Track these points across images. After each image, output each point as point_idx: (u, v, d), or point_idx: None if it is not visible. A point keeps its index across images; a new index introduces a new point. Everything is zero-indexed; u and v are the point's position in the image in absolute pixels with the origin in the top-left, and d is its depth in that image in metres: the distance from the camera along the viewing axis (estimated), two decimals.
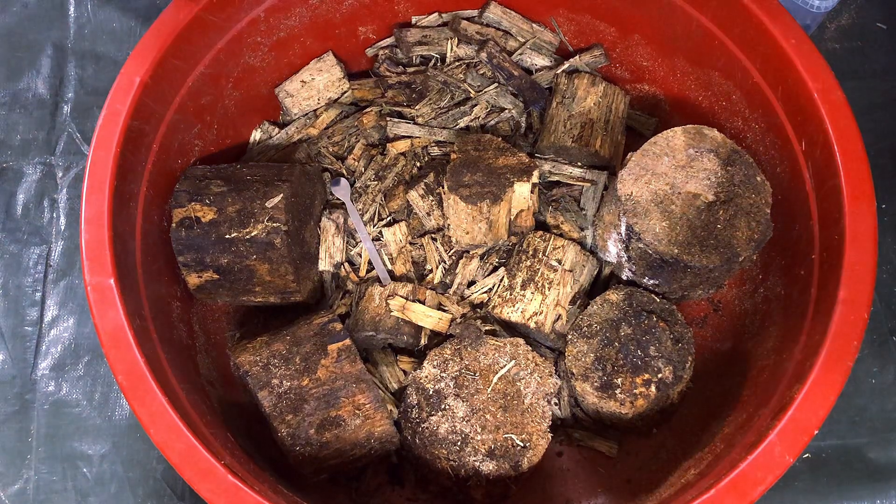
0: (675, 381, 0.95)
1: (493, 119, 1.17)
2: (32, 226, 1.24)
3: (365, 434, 0.93)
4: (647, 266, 0.97)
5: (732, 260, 0.92)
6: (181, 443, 0.80)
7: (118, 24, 1.36)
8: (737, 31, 1.01)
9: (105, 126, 0.92)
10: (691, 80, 1.13)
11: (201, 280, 0.99)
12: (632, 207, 0.94)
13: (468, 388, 0.95)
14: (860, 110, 0.98)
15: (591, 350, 0.97)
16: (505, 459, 0.92)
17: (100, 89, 1.32)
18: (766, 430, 0.81)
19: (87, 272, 0.86)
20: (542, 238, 1.05)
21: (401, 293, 1.04)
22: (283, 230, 0.96)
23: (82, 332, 1.18)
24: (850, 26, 1.33)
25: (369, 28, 1.21)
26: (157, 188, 0.99)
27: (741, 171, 0.96)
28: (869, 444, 1.08)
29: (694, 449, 0.96)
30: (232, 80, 1.10)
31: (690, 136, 0.98)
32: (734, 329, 1.08)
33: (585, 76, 1.16)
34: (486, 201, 0.99)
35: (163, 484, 1.09)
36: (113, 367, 0.83)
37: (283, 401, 0.91)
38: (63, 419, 1.13)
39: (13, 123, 1.30)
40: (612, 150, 1.12)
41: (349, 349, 0.93)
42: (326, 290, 1.10)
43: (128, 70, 0.95)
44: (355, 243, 1.11)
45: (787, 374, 0.88)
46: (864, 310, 0.83)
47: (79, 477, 1.10)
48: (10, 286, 1.20)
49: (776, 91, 0.99)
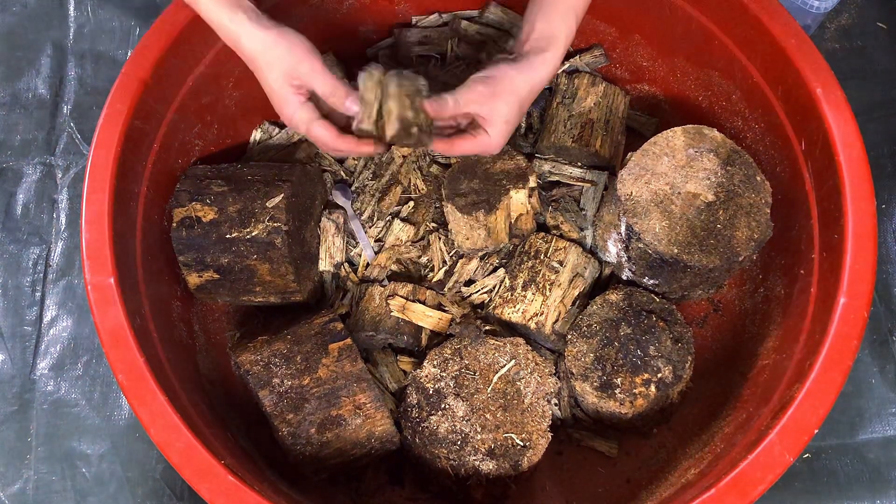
0: (674, 381, 0.95)
1: None
2: (32, 226, 1.24)
3: (366, 434, 0.93)
4: (646, 266, 0.98)
5: (732, 260, 0.92)
6: (181, 442, 0.80)
7: (118, 23, 1.36)
8: (737, 31, 1.01)
9: (105, 126, 0.92)
10: (691, 80, 1.14)
11: (202, 280, 0.99)
12: (632, 207, 0.95)
13: (468, 387, 0.95)
14: (860, 110, 0.99)
15: (590, 350, 0.97)
16: (505, 459, 0.92)
17: (100, 89, 1.32)
18: (766, 430, 0.81)
19: (88, 272, 0.86)
20: (544, 239, 1.05)
21: (401, 293, 1.04)
22: (283, 230, 0.96)
23: (81, 331, 1.18)
24: (850, 26, 1.33)
25: (369, 28, 1.21)
26: (157, 188, 0.99)
27: (741, 171, 0.96)
28: (869, 444, 1.08)
29: (694, 449, 0.96)
30: (232, 79, 1.10)
31: (690, 136, 0.98)
32: (734, 329, 1.08)
33: (585, 76, 1.16)
34: (481, 211, 1.00)
35: (162, 484, 1.09)
36: (113, 366, 0.83)
37: (284, 400, 0.91)
38: (62, 419, 1.13)
39: (13, 123, 1.30)
40: (612, 150, 1.12)
41: (350, 348, 0.93)
42: (326, 290, 1.10)
43: (128, 70, 0.95)
44: (355, 244, 1.11)
45: (787, 373, 0.89)
46: (864, 310, 0.83)
47: (78, 477, 1.10)
48: (9, 286, 1.20)
49: (776, 91, 0.99)
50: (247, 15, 0.81)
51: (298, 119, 0.83)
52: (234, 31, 0.81)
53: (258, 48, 0.81)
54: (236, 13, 0.81)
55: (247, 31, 0.81)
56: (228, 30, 0.81)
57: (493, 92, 0.83)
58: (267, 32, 0.81)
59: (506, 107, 0.83)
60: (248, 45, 0.81)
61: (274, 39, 0.81)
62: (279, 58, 0.81)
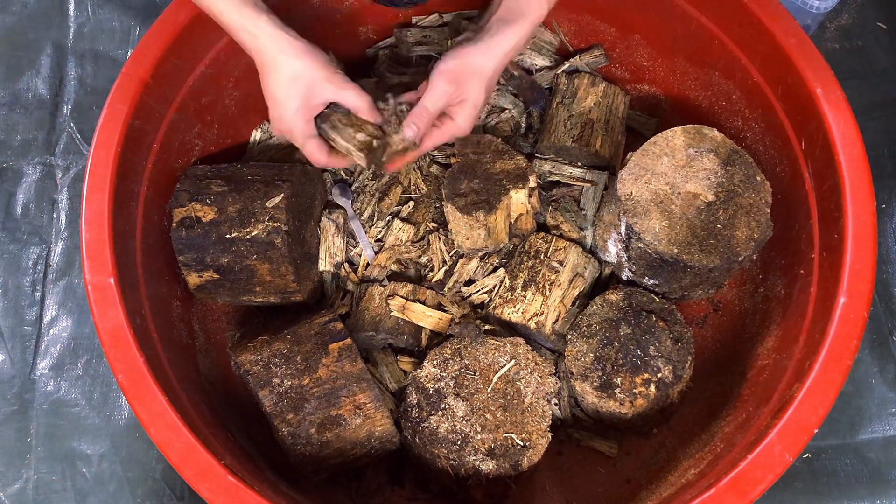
0: (674, 381, 0.95)
1: (494, 119, 1.17)
2: (32, 226, 1.24)
3: (366, 433, 0.93)
4: (646, 266, 0.98)
5: (732, 260, 0.92)
6: (181, 442, 0.80)
7: (118, 23, 1.36)
8: (737, 31, 1.01)
9: (105, 126, 0.92)
10: (691, 80, 1.14)
11: (201, 280, 0.99)
12: (632, 207, 0.95)
13: (468, 387, 0.95)
14: (860, 110, 0.99)
15: (590, 350, 0.97)
16: (505, 459, 0.92)
17: (99, 89, 1.32)
18: (765, 430, 0.81)
19: (88, 271, 0.86)
20: (544, 239, 1.05)
21: (401, 293, 1.04)
22: (283, 230, 0.96)
23: (81, 331, 1.18)
24: (850, 26, 1.33)
25: (369, 28, 1.21)
26: (157, 188, 0.99)
27: (741, 171, 0.96)
28: (869, 444, 1.08)
29: (694, 449, 0.96)
30: (233, 79, 1.10)
31: (690, 135, 0.98)
32: (734, 329, 1.08)
33: (585, 76, 1.16)
34: (481, 211, 1.00)
35: (162, 484, 1.09)
36: (113, 366, 0.83)
37: (284, 400, 0.91)
38: (62, 419, 1.13)
39: (13, 123, 1.30)
40: (612, 150, 1.12)
41: (350, 348, 0.93)
42: (326, 290, 1.10)
43: (128, 70, 0.95)
44: (355, 244, 1.11)
45: (786, 373, 0.89)
46: (864, 310, 0.83)
47: (78, 477, 1.10)
48: (9, 286, 1.20)
49: (776, 91, 0.99)
50: (269, 17, 0.82)
51: (299, 132, 0.86)
52: (252, 30, 0.81)
53: (279, 54, 0.81)
54: (259, 15, 0.81)
55: (269, 34, 0.81)
56: (243, 27, 0.81)
57: (456, 81, 0.84)
58: (294, 42, 0.81)
59: (472, 93, 0.85)
60: (269, 47, 0.81)
61: (304, 49, 0.82)
62: (306, 69, 0.82)
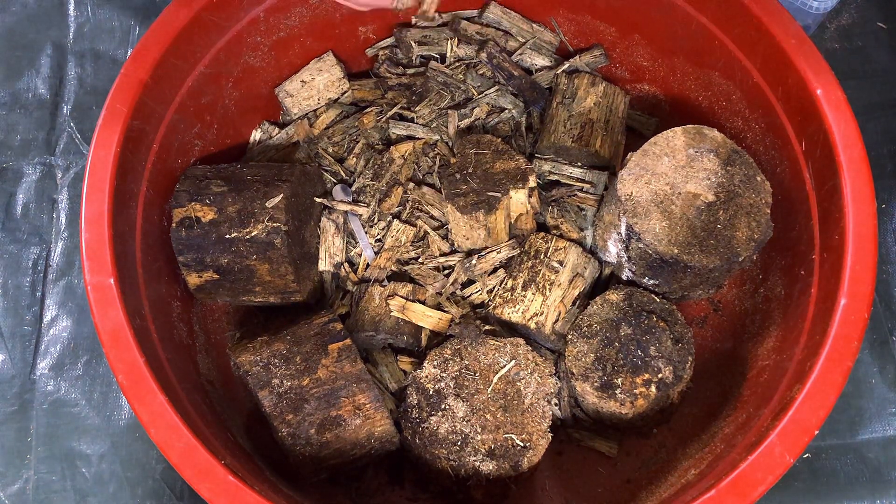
0: (675, 381, 0.95)
1: (494, 119, 1.17)
2: (32, 226, 1.24)
3: (365, 434, 0.93)
4: (647, 266, 0.97)
5: (732, 260, 0.92)
6: (181, 442, 0.80)
7: (118, 23, 1.36)
8: (737, 31, 1.01)
9: (105, 126, 0.92)
10: (691, 80, 1.14)
11: (201, 280, 0.99)
12: (632, 207, 0.95)
13: (468, 388, 0.95)
14: (860, 110, 0.99)
15: (591, 350, 0.97)
16: (505, 459, 0.92)
17: (99, 89, 1.32)
18: (766, 431, 0.81)
19: (88, 272, 0.86)
20: (544, 239, 1.05)
21: (401, 293, 1.04)
22: (283, 230, 0.96)
23: (81, 331, 1.18)
24: (850, 26, 1.33)
25: (369, 28, 1.21)
26: (157, 188, 0.99)
27: (741, 171, 0.96)
28: (869, 444, 1.08)
29: (694, 449, 0.96)
30: (232, 79, 1.10)
31: (690, 136, 0.98)
32: (734, 329, 1.08)
33: (585, 76, 1.16)
34: (482, 211, 1.00)
35: (162, 484, 1.09)
36: (113, 366, 0.83)
37: (284, 400, 0.91)
38: (62, 419, 1.13)
39: (13, 123, 1.30)
40: (612, 150, 1.12)
41: (349, 349, 0.93)
42: (326, 290, 1.10)
43: (128, 70, 0.95)
44: (355, 244, 1.11)
45: (787, 374, 0.89)
46: (864, 310, 0.83)
47: (78, 477, 1.10)
48: (9, 286, 1.20)
49: (776, 91, 0.99)
50: None
51: None
52: None
53: None
54: None
55: None
56: None
57: None
58: None
59: None
60: None
61: None
62: None
